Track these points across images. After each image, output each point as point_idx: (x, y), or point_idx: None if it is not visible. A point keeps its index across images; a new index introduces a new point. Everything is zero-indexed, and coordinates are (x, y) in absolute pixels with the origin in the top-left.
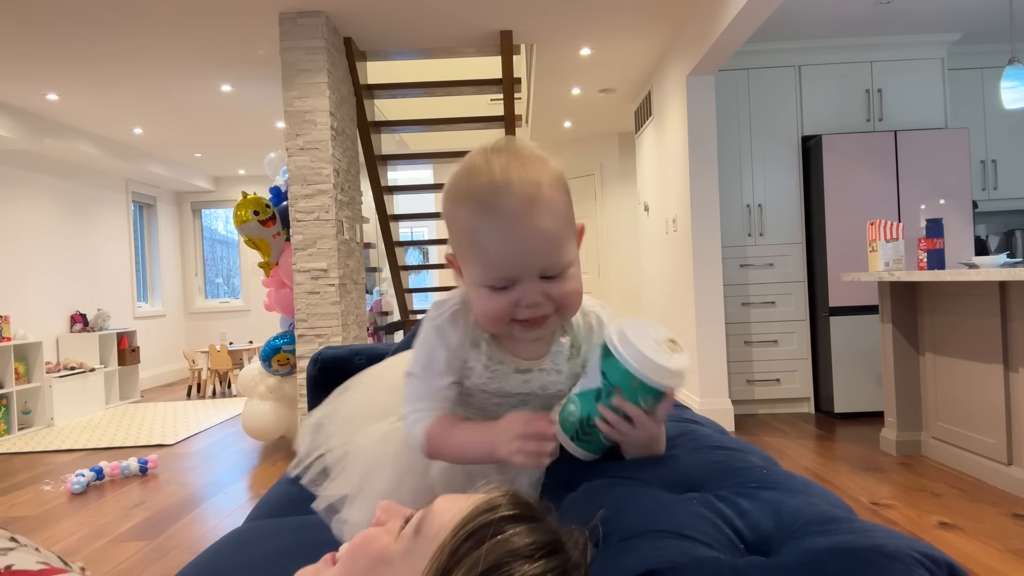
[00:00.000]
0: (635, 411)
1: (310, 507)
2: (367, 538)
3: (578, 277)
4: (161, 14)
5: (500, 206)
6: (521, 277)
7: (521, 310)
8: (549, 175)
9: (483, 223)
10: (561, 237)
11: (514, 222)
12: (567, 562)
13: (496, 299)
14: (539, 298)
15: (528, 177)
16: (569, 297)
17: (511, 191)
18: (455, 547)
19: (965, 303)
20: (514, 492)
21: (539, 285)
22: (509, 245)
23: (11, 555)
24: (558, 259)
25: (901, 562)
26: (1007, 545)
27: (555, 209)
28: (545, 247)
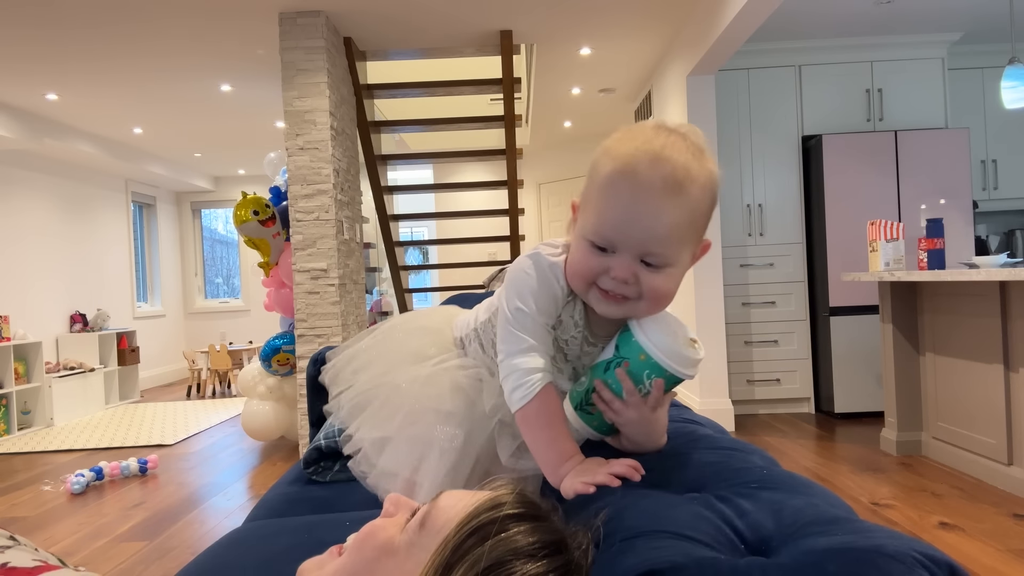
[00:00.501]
0: (629, 386)
1: (310, 507)
2: (374, 528)
3: (675, 281)
4: (161, 14)
5: (646, 174)
6: (622, 248)
7: (606, 279)
8: (705, 175)
9: (623, 180)
10: (681, 233)
11: (649, 194)
12: (569, 562)
13: (591, 257)
14: (628, 275)
15: (686, 165)
16: (656, 291)
17: (663, 168)
18: (459, 542)
19: (965, 303)
20: (520, 491)
21: (634, 264)
22: (631, 211)
23: (8, 553)
24: (665, 249)
25: (902, 562)
26: (1007, 545)
27: (691, 206)
28: (661, 231)
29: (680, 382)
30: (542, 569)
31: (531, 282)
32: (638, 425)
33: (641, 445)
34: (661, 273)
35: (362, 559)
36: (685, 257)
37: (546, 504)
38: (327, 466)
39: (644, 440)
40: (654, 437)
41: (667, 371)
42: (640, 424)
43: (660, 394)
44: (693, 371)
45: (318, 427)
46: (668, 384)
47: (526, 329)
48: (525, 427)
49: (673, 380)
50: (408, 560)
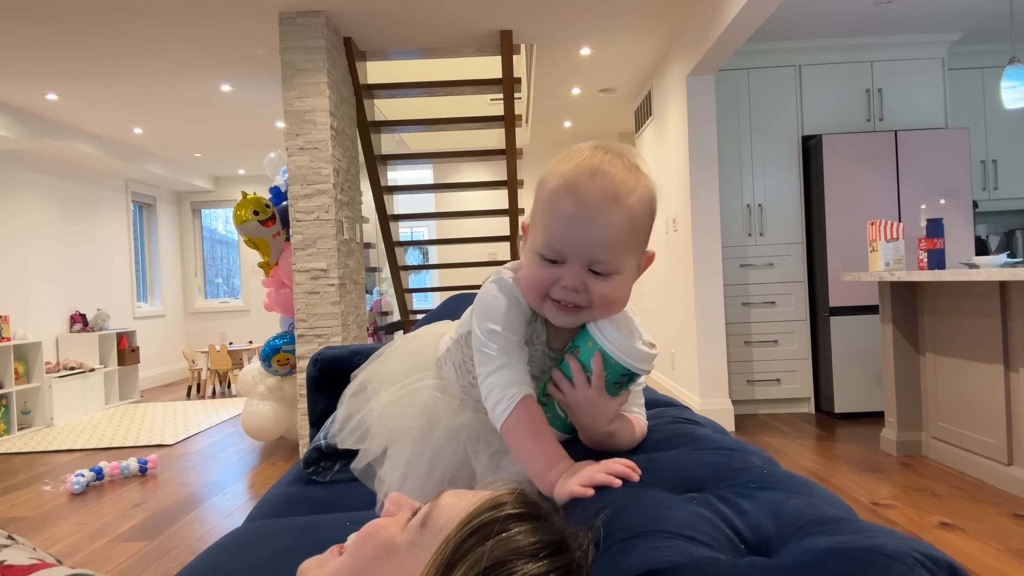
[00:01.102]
0: (576, 366)
1: (310, 508)
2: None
3: (622, 289)
4: (161, 14)
5: (586, 189)
6: (571, 258)
7: (558, 289)
8: (642, 189)
9: (566, 196)
10: (624, 242)
11: (590, 206)
12: (570, 563)
13: (542, 269)
14: (578, 284)
15: (623, 179)
16: (604, 298)
17: (602, 182)
18: (459, 542)
19: (965, 303)
20: (521, 491)
21: (583, 273)
22: (575, 224)
23: (4, 552)
24: (611, 258)
25: (902, 562)
26: (1007, 545)
27: (630, 216)
28: (604, 240)
29: (631, 376)
30: (543, 569)
31: (500, 303)
32: (584, 407)
33: (588, 433)
34: (608, 280)
35: (363, 558)
36: (630, 265)
37: (547, 504)
38: (327, 466)
39: (590, 425)
40: (600, 423)
41: (612, 358)
42: (587, 405)
43: (600, 371)
44: (641, 364)
45: (318, 427)
46: (613, 372)
47: (500, 348)
48: (511, 440)
49: (619, 369)
50: (409, 559)
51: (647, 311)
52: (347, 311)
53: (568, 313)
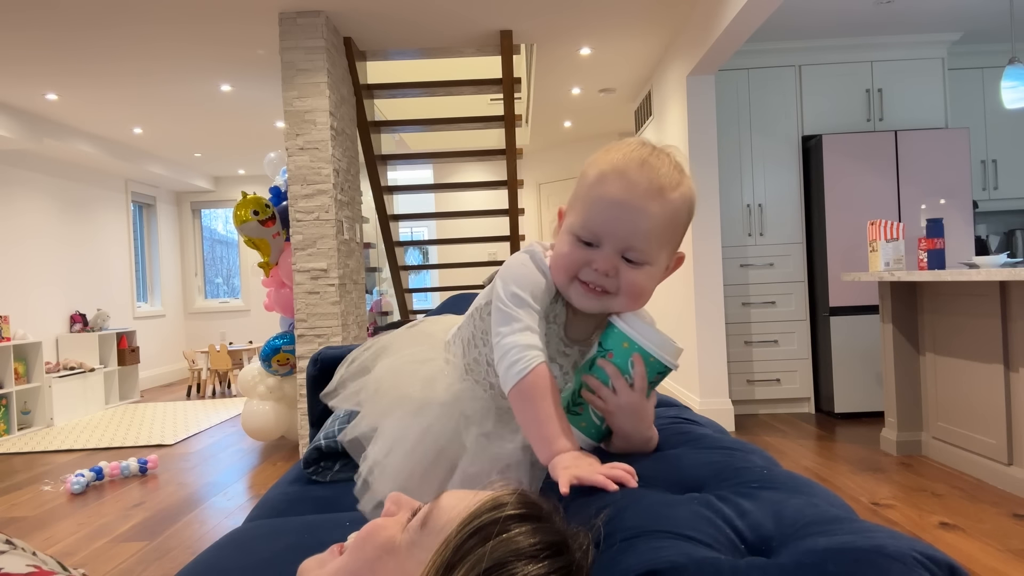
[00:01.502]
0: (614, 371)
1: (310, 507)
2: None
3: (651, 281)
4: (161, 14)
5: (635, 175)
6: (606, 242)
7: (589, 271)
8: (685, 188)
9: (611, 180)
10: (660, 234)
11: (635, 193)
12: (571, 563)
13: (577, 250)
14: (610, 268)
15: (668, 174)
16: (633, 286)
17: (649, 173)
18: (460, 543)
19: (965, 303)
20: (522, 491)
21: (616, 259)
22: (618, 209)
23: (2, 559)
24: (645, 246)
25: (902, 562)
26: (1007, 545)
27: (671, 211)
28: (642, 229)
29: (665, 372)
30: (544, 570)
31: (527, 271)
32: (627, 411)
33: (631, 439)
34: (639, 270)
35: (363, 558)
36: (662, 260)
37: (548, 505)
38: (327, 466)
39: (632, 431)
40: (643, 427)
41: (651, 356)
42: (629, 410)
43: (643, 375)
44: (676, 360)
45: (318, 427)
46: (652, 371)
47: (522, 311)
48: (522, 401)
49: (657, 367)
50: (409, 559)
51: (647, 310)
52: (347, 311)
53: (595, 297)
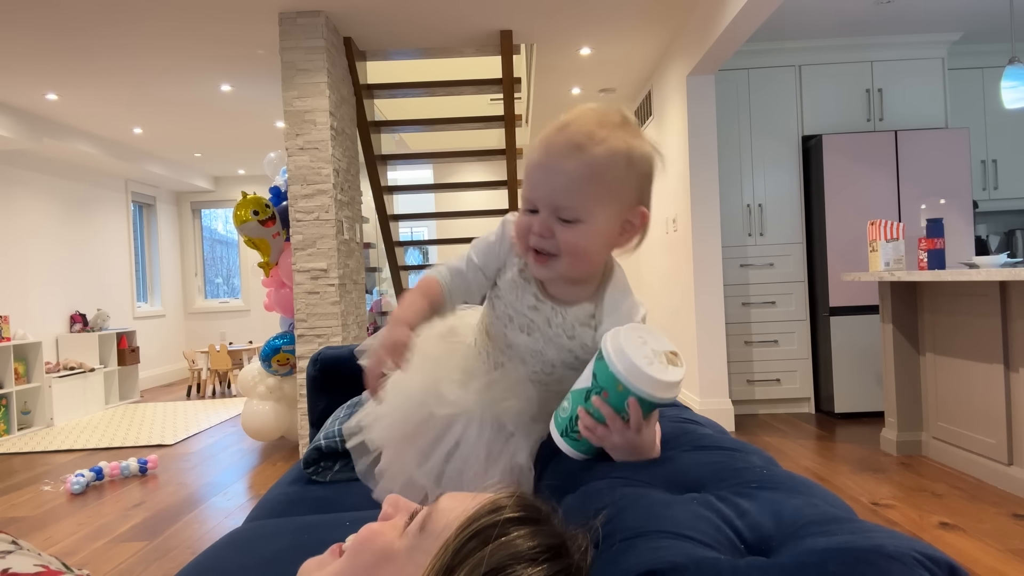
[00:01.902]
0: (609, 412)
1: (310, 507)
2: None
3: (590, 240)
4: (161, 14)
5: (552, 139)
6: (540, 206)
7: (533, 236)
8: (615, 142)
9: (536, 147)
10: (583, 189)
11: (551, 154)
12: (570, 566)
13: (522, 218)
14: (544, 230)
15: (590, 131)
16: (570, 245)
17: (567, 133)
18: (459, 546)
19: (965, 303)
20: (520, 494)
21: (552, 221)
22: (539, 171)
23: (9, 558)
24: (571, 203)
25: (901, 562)
26: (1007, 545)
27: (589, 167)
28: (560, 186)
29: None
30: (543, 573)
31: (488, 237)
32: (624, 449)
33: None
34: (574, 228)
35: (361, 564)
36: (600, 217)
37: (546, 507)
38: (327, 466)
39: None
40: (643, 456)
41: (647, 399)
42: (625, 448)
43: (640, 418)
44: (672, 394)
45: (318, 427)
46: (648, 408)
47: (459, 260)
48: (407, 293)
49: (653, 405)
50: (408, 564)
51: (647, 310)
52: (347, 311)
53: (541, 263)
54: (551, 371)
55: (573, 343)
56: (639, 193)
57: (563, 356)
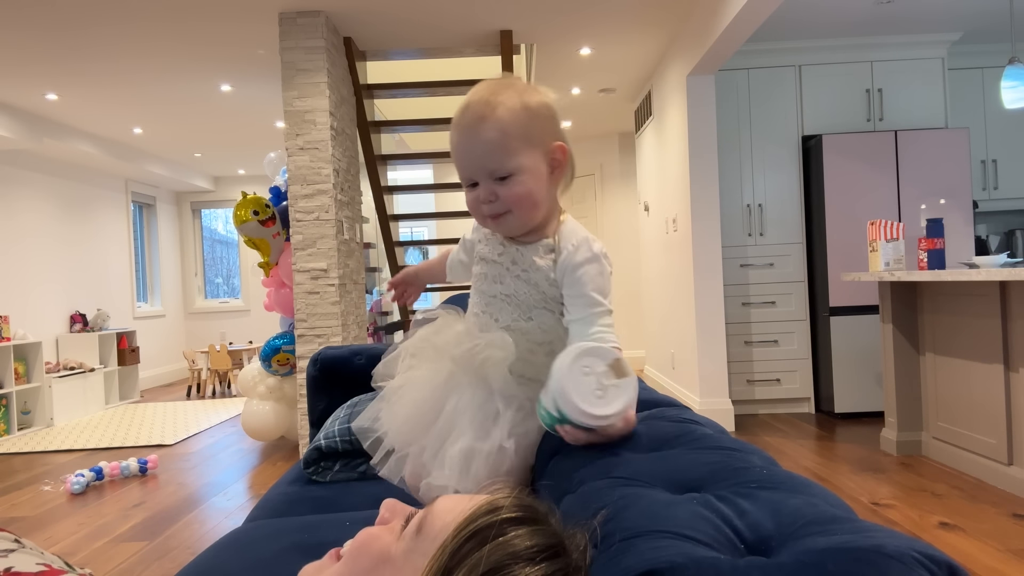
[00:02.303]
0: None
1: (310, 507)
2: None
3: (528, 183)
4: (161, 14)
5: (459, 122)
6: (477, 176)
7: (483, 205)
8: (507, 102)
9: (452, 135)
10: (506, 147)
11: (464, 133)
12: (568, 565)
13: (468, 195)
14: (489, 195)
15: (486, 99)
16: (516, 197)
17: (468, 110)
18: (456, 547)
19: (965, 303)
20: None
21: (492, 185)
22: (461, 151)
23: (12, 557)
24: (501, 164)
25: (901, 562)
26: (1007, 545)
27: (500, 125)
28: (488, 154)
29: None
30: (541, 573)
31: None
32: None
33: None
34: (511, 182)
35: (359, 569)
36: (527, 162)
37: (543, 507)
38: (327, 466)
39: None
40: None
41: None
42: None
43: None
44: (611, 416)
45: (318, 427)
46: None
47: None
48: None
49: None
50: (406, 567)
51: (647, 311)
52: (347, 311)
53: (498, 222)
54: (528, 316)
55: (537, 275)
56: (550, 133)
57: (532, 294)
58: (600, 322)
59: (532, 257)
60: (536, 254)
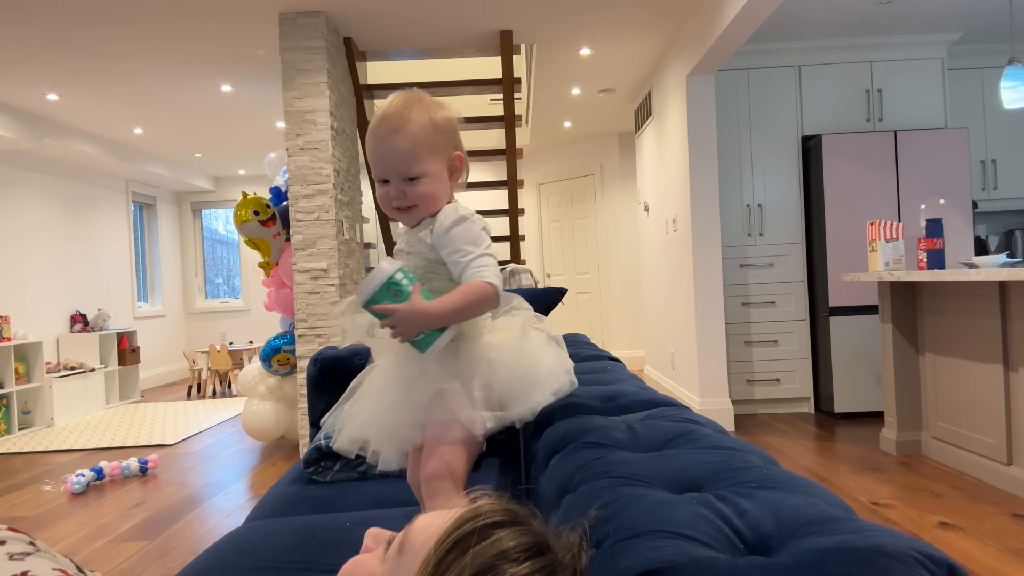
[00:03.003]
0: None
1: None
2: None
3: (431, 185)
4: (161, 14)
5: (376, 130)
6: (389, 176)
7: (393, 199)
8: (416, 117)
9: (369, 141)
10: (415, 156)
11: (380, 141)
12: (554, 562)
13: (381, 190)
14: (399, 193)
15: (399, 113)
16: (420, 197)
17: (384, 121)
18: (439, 558)
19: (965, 303)
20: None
21: (402, 184)
22: (377, 156)
23: (28, 560)
24: (411, 169)
25: (901, 562)
26: (1007, 545)
27: (411, 136)
28: (400, 160)
29: (388, 285)
30: (527, 570)
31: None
32: (397, 324)
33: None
34: (417, 183)
35: None
36: (434, 168)
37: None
38: (327, 466)
39: (416, 330)
40: (425, 323)
41: (372, 301)
42: (397, 324)
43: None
44: (367, 288)
45: (318, 427)
46: (381, 298)
47: None
48: None
49: (381, 295)
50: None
51: (647, 311)
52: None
53: (405, 213)
54: (424, 280)
55: (420, 246)
56: (451, 143)
57: (419, 263)
58: (474, 264)
59: (419, 234)
60: (421, 229)
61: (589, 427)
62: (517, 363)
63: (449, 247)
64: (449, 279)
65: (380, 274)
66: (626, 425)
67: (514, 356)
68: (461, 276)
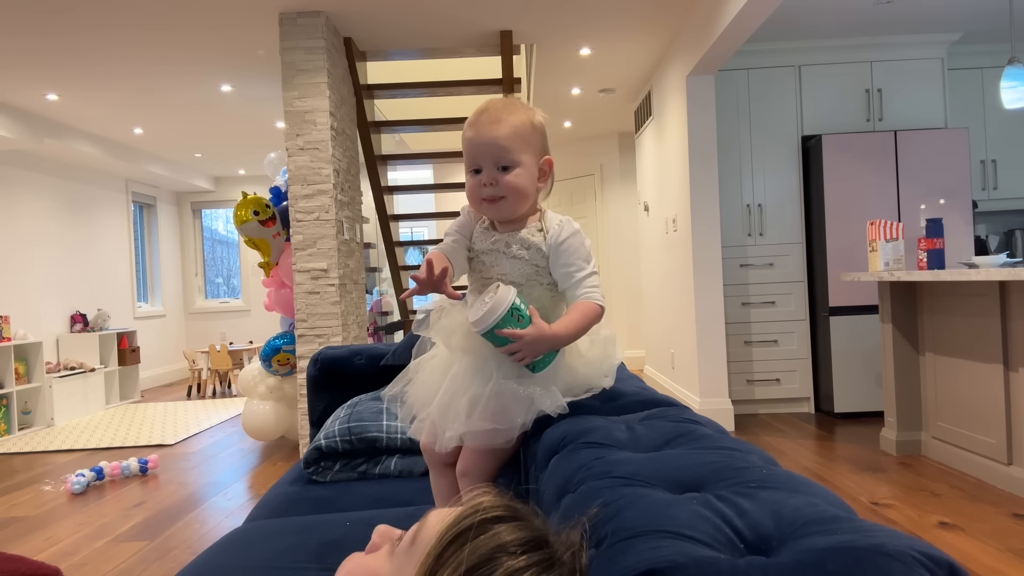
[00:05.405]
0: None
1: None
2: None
3: (523, 177)
4: (161, 15)
5: (475, 122)
6: (483, 163)
7: (483, 189)
8: (519, 115)
9: (468, 130)
10: (512, 146)
11: (480, 128)
12: (552, 556)
13: (472, 180)
14: (491, 179)
15: (502, 107)
16: (510, 188)
17: (485, 112)
18: (440, 551)
19: (965, 303)
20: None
21: (495, 172)
22: (474, 143)
23: None
24: (507, 156)
25: (901, 562)
26: (1007, 545)
27: (511, 129)
28: (497, 147)
29: (511, 312)
30: (524, 563)
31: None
32: (525, 348)
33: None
34: (511, 172)
35: None
36: (527, 162)
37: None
38: (327, 466)
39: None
40: (555, 346)
41: (494, 328)
42: (525, 347)
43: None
44: (484, 320)
45: (318, 427)
46: (505, 324)
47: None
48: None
49: (491, 330)
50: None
51: (647, 311)
52: (347, 311)
53: (492, 205)
54: (525, 285)
55: (531, 251)
56: (544, 146)
57: (524, 269)
58: (586, 283)
59: (526, 236)
60: (529, 234)
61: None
62: (591, 365)
63: (563, 259)
64: (545, 286)
65: (504, 301)
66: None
67: (587, 364)
68: (571, 291)
